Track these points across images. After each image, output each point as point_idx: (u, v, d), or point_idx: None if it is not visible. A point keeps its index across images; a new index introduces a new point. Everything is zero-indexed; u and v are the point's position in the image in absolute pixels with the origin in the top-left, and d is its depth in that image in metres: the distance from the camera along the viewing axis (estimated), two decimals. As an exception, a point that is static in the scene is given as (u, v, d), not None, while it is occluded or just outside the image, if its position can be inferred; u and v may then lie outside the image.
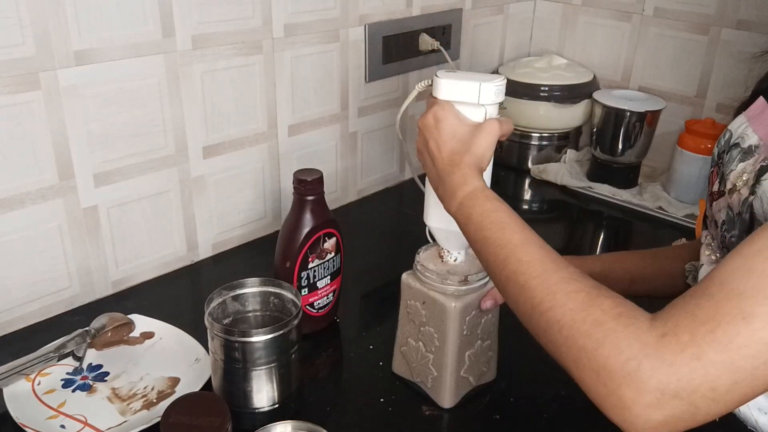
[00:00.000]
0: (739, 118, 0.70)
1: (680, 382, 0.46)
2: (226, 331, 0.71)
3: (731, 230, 0.64)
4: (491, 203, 0.65)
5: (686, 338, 0.47)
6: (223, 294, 0.78)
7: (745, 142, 0.66)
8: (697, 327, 0.47)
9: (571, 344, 0.52)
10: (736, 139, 0.68)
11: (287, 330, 0.73)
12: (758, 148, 0.64)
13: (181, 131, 0.98)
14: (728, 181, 0.66)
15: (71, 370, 0.81)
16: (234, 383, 0.74)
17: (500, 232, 0.62)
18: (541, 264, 0.58)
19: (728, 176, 0.66)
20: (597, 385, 0.51)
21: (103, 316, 0.87)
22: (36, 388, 0.78)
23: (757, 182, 0.60)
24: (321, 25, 1.11)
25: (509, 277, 0.60)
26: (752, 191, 0.61)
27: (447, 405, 0.77)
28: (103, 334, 0.85)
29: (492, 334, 0.79)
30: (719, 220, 0.67)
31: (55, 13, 0.81)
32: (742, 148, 0.66)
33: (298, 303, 0.76)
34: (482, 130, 0.68)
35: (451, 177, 0.67)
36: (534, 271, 0.58)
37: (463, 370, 0.77)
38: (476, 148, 0.68)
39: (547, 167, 1.42)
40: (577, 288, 0.54)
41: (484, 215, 0.64)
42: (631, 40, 1.43)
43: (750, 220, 0.61)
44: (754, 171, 0.62)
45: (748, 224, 0.61)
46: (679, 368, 0.46)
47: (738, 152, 0.66)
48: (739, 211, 0.63)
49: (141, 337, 0.87)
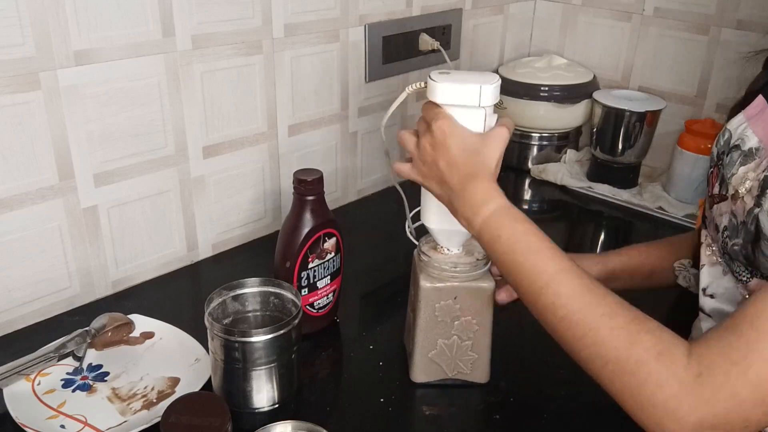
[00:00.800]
0: (738, 117, 0.68)
1: (716, 417, 0.52)
2: (226, 331, 0.71)
3: (734, 238, 0.63)
4: (521, 225, 0.64)
5: (721, 379, 0.52)
6: (223, 294, 0.78)
7: (745, 144, 0.65)
8: (730, 367, 0.52)
9: (616, 379, 0.57)
10: (736, 140, 0.66)
11: (287, 330, 0.73)
12: (759, 151, 0.62)
13: (181, 131, 0.98)
14: (730, 186, 0.64)
15: (71, 370, 0.81)
16: (234, 383, 0.74)
17: (534, 258, 0.62)
18: (581, 298, 0.60)
19: (730, 180, 0.65)
20: (641, 417, 0.56)
21: (103, 316, 0.87)
22: (36, 388, 0.78)
23: (763, 194, 0.59)
24: (321, 25, 1.11)
25: (547, 307, 0.61)
26: (758, 203, 0.59)
27: (486, 379, 0.81)
28: (103, 334, 0.85)
29: None
30: (720, 224, 0.66)
31: (55, 13, 0.81)
32: (742, 151, 0.64)
33: (298, 303, 0.77)
34: (493, 139, 0.67)
35: (469, 194, 0.66)
36: (574, 304, 0.60)
37: None
38: (490, 159, 0.67)
39: (547, 167, 1.42)
40: (618, 324, 0.58)
41: (514, 238, 0.64)
42: (631, 40, 1.43)
43: (756, 232, 0.59)
44: (758, 180, 0.60)
45: (754, 236, 0.60)
46: (715, 406, 0.52)
47: (739, 155, 0.65)
48: (743, 220, 0.61)
49: (141, 337, 0.87)
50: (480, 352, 0.79)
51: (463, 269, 0.76)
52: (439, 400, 0.79)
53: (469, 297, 0.76)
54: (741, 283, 0.63)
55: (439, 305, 0.76)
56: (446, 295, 0.76)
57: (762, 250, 0.59)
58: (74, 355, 0.82)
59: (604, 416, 0.78)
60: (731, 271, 0.65)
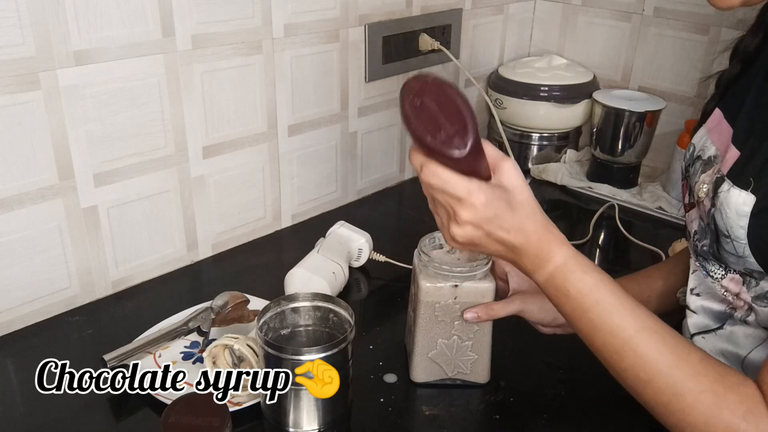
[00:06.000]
0: (700, 131, 0.72)
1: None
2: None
3: (702, 240, 0.66)
4: (591, 279, 0.61)
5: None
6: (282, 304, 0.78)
7: (705, 154, 0.68)
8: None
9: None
10: (698, 151, 0.70)
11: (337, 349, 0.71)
12: (716, 159, 0.66)
13: (180, 131, 0.98)
14: (695, 193, 0.68)
15: (188, 344, 0.86)
16: None
17: (608, 317, 0.60)
18: (663, 358, 0.58)
19: (694, 188, 0.68)
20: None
21: (224, 294, 0.88)
22: (158, 360, 0.82)
23: (716, 195, 0.62)
24: (321, 25, 1.11)
25: (627, 371, 0.60)
26: (713, 203, 0.62)
27: (486, 380, 0.81)
28: (226, 311, 0.86)
29: None
30: (691, 230, 0.70)
31: (55, 13, 0.81)
32: (703, 160, 0.68)
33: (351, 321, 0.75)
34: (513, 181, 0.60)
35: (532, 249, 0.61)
36: (656, 367, 0.58)
37: None
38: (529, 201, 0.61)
39: (547, 167, 1.42)
40: (703, 387, 0.56)
41: (584, 294, 0.60)
42: (631, 40, 1.43)
43: (715, 231, 0.62)
44: (712, 182, 0.63)
45: (715, 235, 0.63)
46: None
47: (700, 164, 0.68)
48: (708, 222, 0.64)
49: (252, 315, 0.88)
50: (480, 352, 0.79)
51: (463, 269, 0.76)
52: (439, 400, 0.79)
53: (469, 297, 0.76)
54: (716, 281, 0.67)
55: (439, 305, 0.76)
56: (446, 295, 0.76)
57: (723, 246, 0.62)
58: (200, 330, 0.85)
59: (605, 416, 0.79)
60: (706, 272, 0.68)
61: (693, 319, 0.71)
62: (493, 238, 0.60)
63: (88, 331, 0.90)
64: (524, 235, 0.60)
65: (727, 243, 0.61)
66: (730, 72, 0.73)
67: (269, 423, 0.74)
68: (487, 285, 0.76)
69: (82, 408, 0.76)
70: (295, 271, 0.93)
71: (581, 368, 0.82)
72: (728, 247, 0.62)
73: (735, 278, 0.65)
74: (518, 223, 0.60)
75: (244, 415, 0.74)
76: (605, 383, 0.64)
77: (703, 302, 0.70)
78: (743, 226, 0.59)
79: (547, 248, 0.61)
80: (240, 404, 0.75)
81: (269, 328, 0.76)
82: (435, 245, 0.80)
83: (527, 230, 0.60)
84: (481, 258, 0.77)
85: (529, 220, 0.60)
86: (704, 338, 0.70)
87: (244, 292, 0.90)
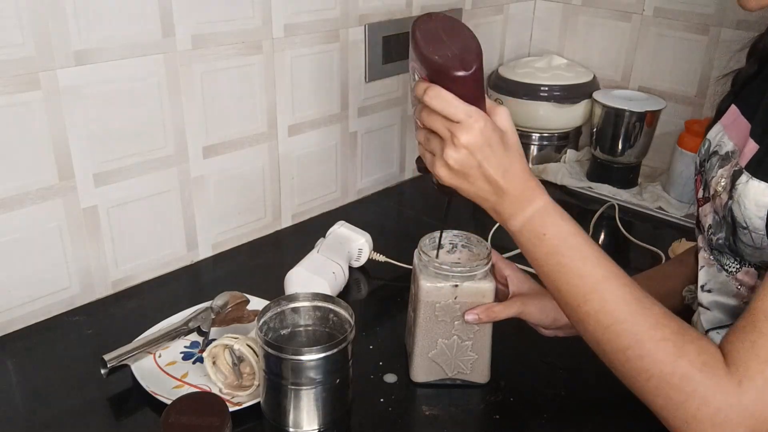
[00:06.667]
0: (716, 127, 0.72)
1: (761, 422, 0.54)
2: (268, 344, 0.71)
3: (717, 233, 0.67)
4: (567, 226, 0.63)
5: (760, 382, 0.53)
6: (282, 304, 0.78)
7: (722, 149, 0.69)
8: (764, 367, 0.54)
9: (660, 393, 0.57)
10: (715, 147, 0.71)
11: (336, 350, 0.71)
12: (734, 154, 0.67)
13: (180, 131, 0.98)
14: (711, 187, 0.68)
15: (188, 343, 0.86)
16: None
17: (581, 262, 0.61)
18: (627, 306, 0.59)
19: (710, 182, 0.69)
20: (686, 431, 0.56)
21: (223, 294, 0.88)
22: (158, 361, 0.82)
23: (734, 187, 0.62)
24: (321, 25, 1.11)
25: (590, 315, 0.60)
26: (730, 196, 0.63)
27: (486, 380, 0.81)
28: (226, 311, 0.86)
29: None
30: (705, 224, 0.70)
31: (55, 13, 0.81)
32: (720, 155, 0.69)
33: (351, 322, 0.75)
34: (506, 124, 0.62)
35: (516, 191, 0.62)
36: (620, 314, 0.59)
37: None
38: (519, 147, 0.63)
39: (547, 167, 1.42)
40: (664, 336, 0.57)
41: (560, 238, 0.62)
42: (631, 40, 1.43)
43: (732, 224, 0.63)
44: (730, 176, 0.64)
45: (732, 227, 0.64)
46: (763, 413, 0.54)
47: (717, 159, 0.69)
48: (723, 214, 0.65)
49: (252, 315, 0.88)
50: (480, 352, 0.79)
51: (463, 269, 0.76)
52: (439, 400, 0.79)
53: (469, 297, 0.76)
54: (731, 275, 0.67)
55: (439, 305, 0.76)
56: (446, 295, 0.76)
57: (740, 238, 0.63)
58: (200, 330, 0.85)
59: (605, 416, 0.79)
60: (721, 265, 0.68)
61: (706, 315, 0.71)
62: (481, 172, 0.61)
63: (88, 331, 0.90)
64: (511, 176, 0.62)
65: (744, 234, 0.62)
66: (747, 70, 0.73)
67: (269, 423, 0.74)
68: (487, 285, 0.76)
69: (82, 408, 0.77)
70: (295, 271, 0.93)
71: (581, 368, 0.82)
72: (745, 239, 0.62)
73: (750, 271, 0.65)
74: (507, 163, 0.62)
75: (244, 415, 0.74)
76: (605, 383, 0.64)
77: (716, 298, 0.70)
78: (762, 216, 0.59)
79: (530, 193, 0.63)
80: (240, 404, 0.75)
81: (269, 328, 0.76)
82: (435, 245, 0.80)
83: (514, 171, 0.62)
84: (481, 258, 0.77)
85: (517, 163, 0.62)
86: (719, 333, 0.69)
87: (244, 292, 0.90)
